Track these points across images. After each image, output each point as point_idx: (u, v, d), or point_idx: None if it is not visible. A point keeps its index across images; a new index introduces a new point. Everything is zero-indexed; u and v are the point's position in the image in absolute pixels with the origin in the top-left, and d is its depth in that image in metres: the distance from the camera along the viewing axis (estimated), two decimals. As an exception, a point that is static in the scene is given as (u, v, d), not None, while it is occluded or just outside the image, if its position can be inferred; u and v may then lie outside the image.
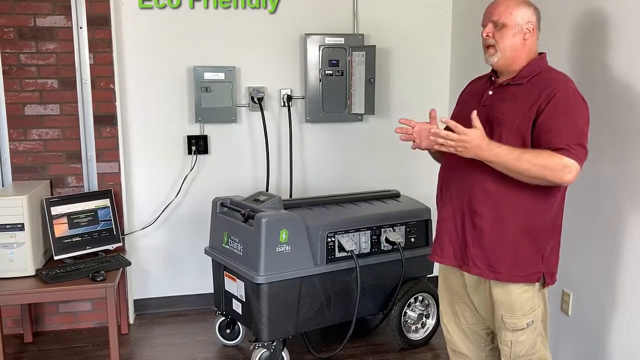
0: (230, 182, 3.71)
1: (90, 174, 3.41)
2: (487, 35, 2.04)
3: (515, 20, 2.01)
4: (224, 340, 3.31)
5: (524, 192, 2.00)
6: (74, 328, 3.51)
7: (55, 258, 3.09)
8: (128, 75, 3.52)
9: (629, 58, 2.35)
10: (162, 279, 3.76)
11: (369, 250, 3.06)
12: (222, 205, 3.12)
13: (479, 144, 1.92)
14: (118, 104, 3.42)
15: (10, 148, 3.30)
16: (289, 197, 3.67)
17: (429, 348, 3.29)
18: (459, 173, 2.11)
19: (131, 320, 3.63)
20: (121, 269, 3.09)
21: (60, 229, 3.11)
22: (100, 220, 3.26)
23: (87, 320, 3.53)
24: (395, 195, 3.38)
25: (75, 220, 3.17)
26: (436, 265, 3.32)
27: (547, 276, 2.10)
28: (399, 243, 3.08)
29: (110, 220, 3.29)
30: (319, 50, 3.68)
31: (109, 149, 3.42)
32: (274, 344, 2.87)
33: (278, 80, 3.72)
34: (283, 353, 2.93)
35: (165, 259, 3.75)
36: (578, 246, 2.64)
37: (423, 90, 3.93)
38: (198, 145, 3.64)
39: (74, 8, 3.25)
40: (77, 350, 3.27)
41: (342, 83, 3.74)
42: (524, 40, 2.03)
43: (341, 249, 2.96)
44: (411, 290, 3.19)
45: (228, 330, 3.31)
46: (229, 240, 2.99)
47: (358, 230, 3.03)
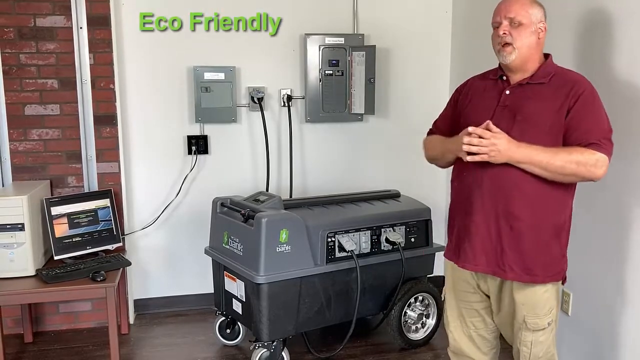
0: (230, 182, 3.71)
1: (90, 174, 3.41)
2: (505, 33, 2.00)
3: (531, 19, 2.00)
4: (224, 340, 3.31)
5: (554, 191, 2.00)
6: (74, 328, 3.51)
7: (56, 258, 3.09)
8: (128, 75, 3.52)
9: (631, 58, 2.36)
10: (162, 279, 3.76)
11: (369, 250, 3.06)
12: (222, 205, 3.12)
13: (509, 147, 1.92)
14: (118, 104, 3.42)
15: (10, 148, 3.30)
16: (289, 197, 3.67)
17: (429, 348, 3.29)
18: (489, 179, 2.03)
19: (131, 320, 3.63)
20: (121, 269, 3.09)
21: (61, 229, 3.11)
22: (101, 220, 3.26)
23: (87, 320, 3.53)
24: (395, 195, 3.38)
25: (75, 220, 3.17)
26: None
27: (565, 274, 2.12)
28: (399, 243, 3.08)
29: (111, 220, 3.29)
30: (319, 50, 3.68)
31: (109, 149, 3.42)
32: (274, 344, 2.87)
33: (278, 80, 3.72)
34: (283, 353, 2.93)
35: (166, 259, 3.75)
36: (578, 246, 2.62)
37: (423, 90, 3.93)
38: (198, 145, 3.64)
39: (74, 8, 3.25)
40: (77, 350, 3.27)
41: (342, 83, 3.74)
42: (538, 39, 2.03)
43: (341, 249, 2.96)
44: (411, 290, 3.19)
45: (228, 330, 3.31)
46: (229, 240, 2.99)
47: (358, 230, 3.03)
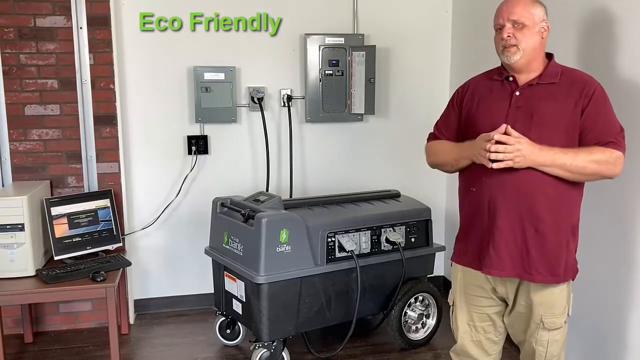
0: (230, 182, 3.71)
1: (90, 174, 3.41)
2: (509, 36, 2.00)
3: (534, 20, 2.00)
4: (224, 340, 3.31)
5: (572, 191, 2.03)
6: (74, 328, 3.50)
7: (56, 258, 3.09)
8: (128, 75, 3.52)
9: (633, 57, 2.36)
10: (163, 279, 3.76)
11: (369, 250, 3.06)
12: (222, 205, 3.12)
13: (532, 151, 1.92)
14: (118, 104, 3.42)
15: (10, 148, 3.30)
16: (289, 197, 3.67)
17: (429, 348, 3.29)
18: (512, 183, 2.01)
19: (131, 321, 3.63)
20: (121, 269, 3.09)
21: (61, 229, 3.11)
22: (101, 221, 3.26)
23: (88, 320, 3.53)
24: (395, 195, 3.38)
25: (75, 221, 3.16)
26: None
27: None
28: (399, 243, 3.08)
29: (111, 220, 3.29)
30: (319, 50, 3.68)
31: (109, 149, 3.42)
32: (274, 344, 2.87)
33: (278, 80, 3.72)
34: (283, 353, 2.93)
35: (166, 259, 3.75)
36: (578, 245, 2.63)
37: (423, 90, 3.93)
38: (198, 145, 3.64)
39: (74, 8, 3.25)
40: (78, 350, 3.27)
41: (342, 83, 3.74)
42: (541, 39, 2.03)
43: (341, 249, 2.96)
44: (411, 290, 3.19)
45: (228, 330, 3.31)
46: (229, 240, 2.99)
47: (358, 230, 3.03)
